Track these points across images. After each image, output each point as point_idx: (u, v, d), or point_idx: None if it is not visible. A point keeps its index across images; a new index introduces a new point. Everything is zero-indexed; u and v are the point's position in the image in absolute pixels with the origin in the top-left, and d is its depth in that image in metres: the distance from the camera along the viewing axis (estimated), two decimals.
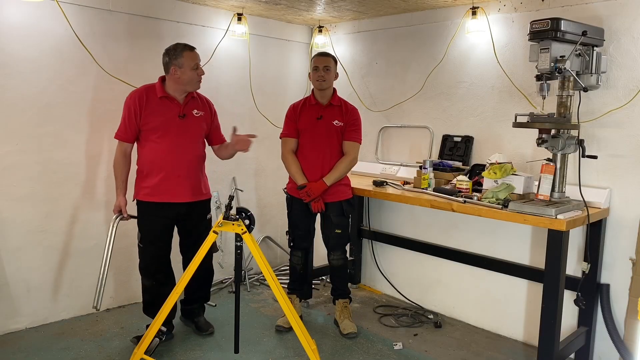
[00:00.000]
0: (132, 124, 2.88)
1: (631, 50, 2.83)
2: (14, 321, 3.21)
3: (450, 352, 3.15)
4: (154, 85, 2.93)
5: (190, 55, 2.86)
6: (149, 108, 2.87)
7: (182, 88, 2.91)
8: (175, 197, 2.93)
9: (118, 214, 2.94)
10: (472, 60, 3.54)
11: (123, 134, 2.91)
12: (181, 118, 2.91)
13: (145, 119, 2.87)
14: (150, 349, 2.87)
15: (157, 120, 2.88)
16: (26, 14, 3.05)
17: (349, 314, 3.43)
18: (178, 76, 2.85)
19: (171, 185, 2.91)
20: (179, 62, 2.83)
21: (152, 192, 2.91)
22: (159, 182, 2.89)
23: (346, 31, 4.38)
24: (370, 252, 4.20)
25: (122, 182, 2.94)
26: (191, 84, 2.90)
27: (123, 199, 2.93)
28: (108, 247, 2.89)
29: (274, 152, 4.40)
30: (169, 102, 2.91)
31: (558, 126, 2.66)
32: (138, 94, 2.89)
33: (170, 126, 2.89)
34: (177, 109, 2.92)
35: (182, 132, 2.92)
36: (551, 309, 2.60)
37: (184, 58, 2.83)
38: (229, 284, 4.12)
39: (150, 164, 2.91)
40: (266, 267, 2.62)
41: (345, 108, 3.30)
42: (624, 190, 2.89)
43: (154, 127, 2.88)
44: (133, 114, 2.86)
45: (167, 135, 2.89)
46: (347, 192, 3.35)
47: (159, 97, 2.89)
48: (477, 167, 3.39)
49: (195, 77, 2.89)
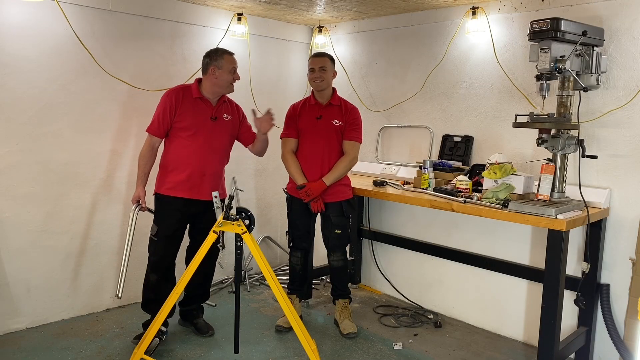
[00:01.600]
0: (166, 120, 2.96)
1: (631, 50, 2.83)
2: (14, 321, 3.21)
3: (450, 352, 3.15)
4: (190, 86, 3.03)
5: (229, 58, 2.98)
6: (183, 106, 2.96)
7: (217, 90, 3.00)
8: (198, 195, 3.00)
9: (137, 205, 2.98)
10: (472, 60, 3.54)
11: (156, 129, 2.99)
12: (213, 120, 3.01)
13: (179, 116, 2.96)
14: (150, 349, 2.87)
15: (190, 119, 2.96)
16: (26, 14, 3.05)
17: (349, 314, 3.43)
18: (216, 77, 2.95)
19: (196, 183, 2.99)
20: (219, 63, 2.94)
21: (176, 187, 2.98)
22: (185, 178, 2.97)
23: (346, 31, 4.38)
24: (370, 252, 4.20)
25: (144, 174, 3.00)
26: (226, 85, 3.00)
27: (142, 190, 2.99)
28: (129, 236, 2.94)
29: (274, 152, 4.38)
30: (203, 104, 3.00)
31: (558, 126, 2.66)
32: (175, 92, 2.99)
33: (202, 127, 2.98)
34: (210, 111, 3.01)
35: (212, 133, 3.01)
36: (551, 309, 2.60)
37: (224, 60, 2.95)
38: (229, 284, 4.12)
39: (177, 161, 2.98)
40: (266, 267, 2.62)
41: (345, 107, 3.30)
42: (624, 190, 2.89)
43: (186, 125, 2.96)
44: (168, 111, 2.95)
45: (198, 135, 2.98)
46: (347, 192, 3.35)
47: (194, 98, 2.98)
48: (477, 167, 3.39)
49: (231, 79, 2.99)
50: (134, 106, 3.55)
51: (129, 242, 2.93)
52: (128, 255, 2.92)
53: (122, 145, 3.54)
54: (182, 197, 2.98)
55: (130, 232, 2.94)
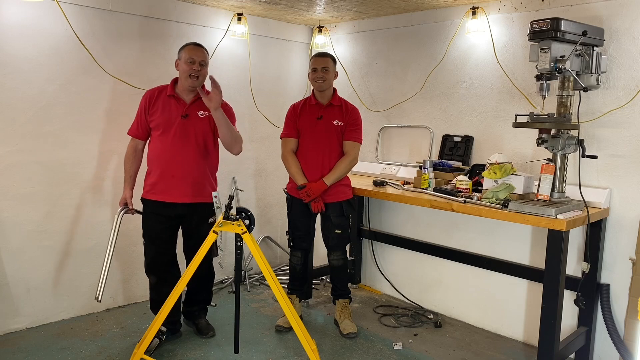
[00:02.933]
0: (142, 121, 2.97)
1: (631, 50, 2.83)
2: (14, 321, 3.20)
3: (450, 352, 3.15)
4: (167, 85, 3.01)
5: (189, 49, 2.92)
6: (155, 105, 2.95)
7: (182, 83, 2.94)
8: (171, 197, 2.93)
9: (123, 207, 2.98)
10: (472, 60, 3.54)
11: (135, 130, 3.00)
12: (183, 118, 2.93)
13: (151, 116, 2.95)
14: (150, 349, 2.87)
15: (160, 117, 2.93)
16: (26, 14, 3.05)
17: (349, 314, 3.43)
18: (178, 69, 2.94)
19: (166, 185, 2.93)
20: (180, 55, 2.94)
21: (151, 190, 2.96)
22: (156, 180, 2.94)
23: (346, 31, 4.38)
24: (370, 252, 4.20)
25: (129, 176, 3.01)
26: (184, 77, 2.89)
27: (129, 192, 2.99)
28: (112, 238, 2.91)
29: (274, 152, 4.40)
30: (175, 101, 2.96)
31: (558, 126, 2.66)
32: (150, 92, 3.00)
33: (171, 125, 2.92)
34: (181, 109, 2.94)
35: (182, 132, 2.92)
36: (551, 309, 2.60)
37: (183, 51, 2.92)
38: (229, 284, 4.12)
39: (151, 162, 2.98)
40: (266, 267, 2.62)
41: (345, 108, 3.30)
42: (624, 190, 2.89)
43: (157, 124, 2.94)
44: (143, 110, 2.95)
45: (167, 133, 2.92)
46: (347, 192, 3.35)
47: (167, 96, 2.96)
48: (477, 167, 3.39)
49: (187, 69, 2.86)
50: (134, 106, 3.52)
51: (112, 245, 2.88)
52: (110, 259, 2.86)
53: (122, 145, 3.51)
54: (158, 200, 2.93)
55: (114, 236, 2.89)
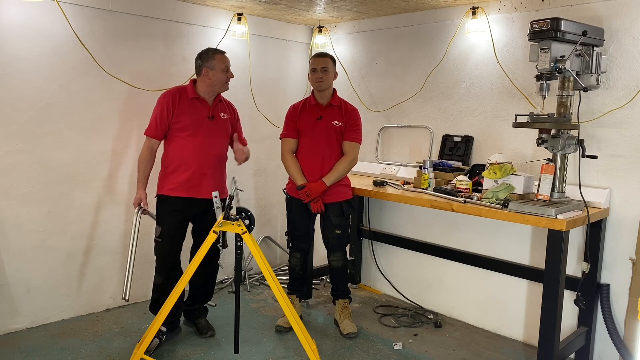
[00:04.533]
0: (164, 122, 2.99)
1: (631, 50, 2.83)
2: (14, 321, 3.20)
3: (450, 352, 3.15)
4: (186, 87, 3.06)
5: (220, 57, 3.00)
6: (181, 107, 2.99)
7: (212, 89, 3.04)
8: (199, 193, 3.02)
9: (139, 207, 3.01)
10: (472, 60, 3.54)
11: (154, 131, 3.01)
12: (210, 119, 3.04)
13: (176, 117, 2.98)
14: (150, 349, 2.87)
15: (188, 119, 2.99)
16: (26, 14, 3.05)
17: (349, 314, 3.43)
18: (209, 77, 2.99)
19: (198, 182, 3.01)
20: (210, 64, 2.98)
21: (178, 187, 3.00)
22: (187, 178, 2.99)
23: (346, 31, 4.38)
24: (370, 252, 4.20)
25: (144, 176, 3.03)
26: (220, 84, 3.04)
27: (143, 192, 3.02)
28: (133, 239, 2.96)
29: (274, 152, 4.40)
30: (199, 104, 3.03)
31: (558, 126, 2.66)
32: (172, 93, 3.02)
33: (200, 126, 3.01)
34: (207, 110, 3.04)
35: (211, 132, 3.04)
36: (551, 309, 2.60)
37: (215, 60, 2.98)
38: (229, 284, 4.12)
39: (178, 161, 3.01)
40: (266, 267, 2.62)
41: (345, 108, 3.30)
42: (624, 190, 2.89)
43: (184, 126, 2.99)
44: (166, 113, 2.98)
45: (197, 134, 3.00)
46: (347, 192, 3.35)
47: (191, 98, 3.01)
48: (477, 167, 3.39)
49: (225, 78, 3.02)
50: (134, 106, 3.55)
51: (134, 245, 2.95)
52: (133, 258, 2.94)
53: (122, 145, 3.54)
54: (184, 197, 3.00)
55: (135, 235, 2.96)
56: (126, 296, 2.88)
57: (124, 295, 2.88)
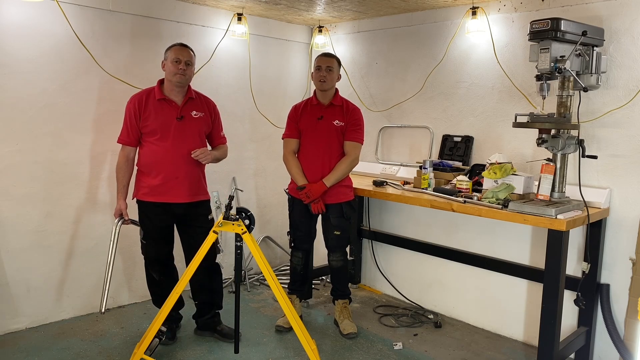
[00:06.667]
0: (134, 128, 2.92)
1: (631, 50, 2.83)
2: (14, 321, 3.20)
3: (450, 352, 3.15)
4: (153, 88, 2.97)
5: (174, 49, 2.91)
6: (147, 111, 2.90)
7: (170, 84, 2.92)
8: (173, 198, 2.94)
9: (119, 218, 2.97)
10: (472, 60, 3.54)
11: (126, 137, 2.94)
12: (179, 120, 2.92)
13: (144, 121, 2.90)
14: (150, 349, 2.87)
15: (155, 122, 2.90)
16: (26, 14, 3.05)
17: (348, 314, 3.43)
18: (164, 70, 2.93)
19: (169, 187, 2.92)
20: (166, 55, 2.93)
21: (150, 192, 2.93)
22: (158, 183, 2.91)
23: (346, 31, 4.38)
24: (370, 252, 4.20)
25: (123, 186, 2.97)
26: (170, 75, 2.89)
27: (124, 202, 2.96)
28: (111, 251, 2.91)
29: (274, 152, 4.40)
30: (167, 105, 2.93)
31: (558, 126, 2.66)
32: (137, 97, 2.94)
33: (169, 128, 2.91)
34: (175, 111, 2.93)
35: (180, 134, 2.92)
36: (551, 309, 2.60)
37: (169, 52, 2.92)
38: (229, 284, 4.12)
39: (148, 166, 2.93)
40: (266, 267, 2.62)
41: (346, 108, 3.29)
42: (624, 190, 2.89)
43: (153, 129, 2.90)
44: (134, 118, 2.90)
45: (166, 137, 2.90)
46: (348, 193, 3.34)
47: (157, 100, 2.92)
48: (477, 167, 3.39)
49: (174, 69, 2.87)
50: None
51: (112, 257, 2.90)
52: (111, 270, 2.89)
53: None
54: (159, 202, 2.93)
55: (113, 247, 2.91)
56: (102, 309, 2.84)
57: (101, 309, 2.84)
